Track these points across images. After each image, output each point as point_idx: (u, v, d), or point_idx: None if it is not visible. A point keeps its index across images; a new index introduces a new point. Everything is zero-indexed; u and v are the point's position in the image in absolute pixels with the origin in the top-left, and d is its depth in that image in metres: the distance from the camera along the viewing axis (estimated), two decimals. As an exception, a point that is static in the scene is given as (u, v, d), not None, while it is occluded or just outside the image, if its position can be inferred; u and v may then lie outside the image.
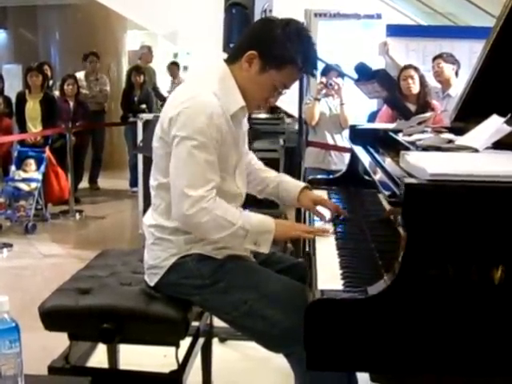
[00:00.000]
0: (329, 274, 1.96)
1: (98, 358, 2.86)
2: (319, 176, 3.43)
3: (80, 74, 9.27)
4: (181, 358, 2.46)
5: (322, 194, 2.91)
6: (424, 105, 5.36)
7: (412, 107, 5.15)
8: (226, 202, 2.29)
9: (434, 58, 6.05)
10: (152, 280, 2.44)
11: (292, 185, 2.71)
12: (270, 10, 4.00)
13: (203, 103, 2.24)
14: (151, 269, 2.44)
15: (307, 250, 2.31)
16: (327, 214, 2.62)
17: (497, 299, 1.67)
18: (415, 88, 5.56)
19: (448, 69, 5.87)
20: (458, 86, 5.47)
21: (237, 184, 2.45)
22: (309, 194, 2.69)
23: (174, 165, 2.27)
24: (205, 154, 2.22)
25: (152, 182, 2.46)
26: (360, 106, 6.18)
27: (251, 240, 2.29)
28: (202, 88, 2.31)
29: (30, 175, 7.19)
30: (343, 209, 2.67)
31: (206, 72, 2.50)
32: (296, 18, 2.38)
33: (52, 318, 2.42)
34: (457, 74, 5.94)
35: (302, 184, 2.73)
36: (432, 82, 5.87)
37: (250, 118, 2.68)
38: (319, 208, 2.65)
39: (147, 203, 2.57)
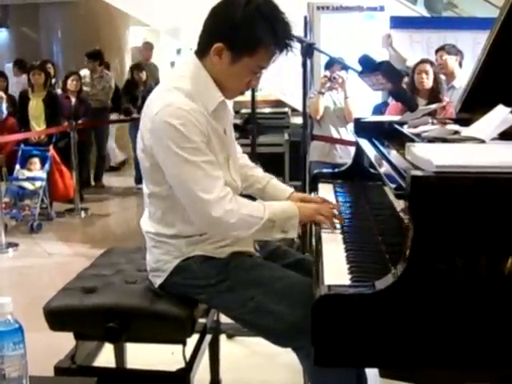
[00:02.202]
0: (335, 269, 1.94)
1: (105, 357, 2.84)
2: (324, 170, 3.42)
3: (84, 72, 9.24)
4: (188, 356, 2.44)
5: (327, 188, 2.90)
6: (435, 101, 5.29)
7: (422, 102, 5.11)
8: None
9: (437, 51, 6.03)
10: (156, 282, 2.42)
11: (279, 188, 2.64)
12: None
13: (178, 111, 2.14)
14: (154, 271, 2.42)
15: (314, 244, 2.29)
16: None
17: (506, 291, 1.65)
18: (428, 83, 5.50)
19: (451, 60, 5.84)
20: (462, 78, 5.44)
21: (232, 176, 2.39)
22: (296, 194, 2.62)
23: (176, 179, 2.20)
24: (200, 156, 2.16)
25: (144, 189, 2.42)
26: (364, 99, 6.15)
27: (279, 229, 2.28)
28: (174, 93, 2.20)
29: (34, 174, 7.18)
30: (347, 202, 2.65)
31: (178, 72, 2.41)
32: None
33: (57, 317, 2.40)
34: (460, 64, 5.92)
35: (289, 189, 2.65)
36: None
37: (254, 113, 2.66)
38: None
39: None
